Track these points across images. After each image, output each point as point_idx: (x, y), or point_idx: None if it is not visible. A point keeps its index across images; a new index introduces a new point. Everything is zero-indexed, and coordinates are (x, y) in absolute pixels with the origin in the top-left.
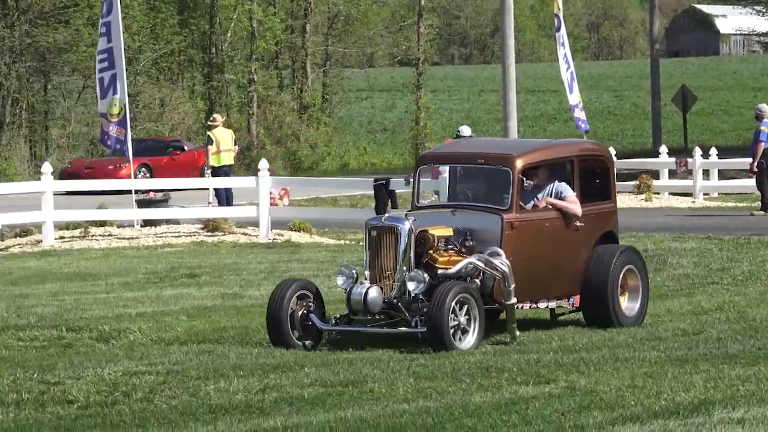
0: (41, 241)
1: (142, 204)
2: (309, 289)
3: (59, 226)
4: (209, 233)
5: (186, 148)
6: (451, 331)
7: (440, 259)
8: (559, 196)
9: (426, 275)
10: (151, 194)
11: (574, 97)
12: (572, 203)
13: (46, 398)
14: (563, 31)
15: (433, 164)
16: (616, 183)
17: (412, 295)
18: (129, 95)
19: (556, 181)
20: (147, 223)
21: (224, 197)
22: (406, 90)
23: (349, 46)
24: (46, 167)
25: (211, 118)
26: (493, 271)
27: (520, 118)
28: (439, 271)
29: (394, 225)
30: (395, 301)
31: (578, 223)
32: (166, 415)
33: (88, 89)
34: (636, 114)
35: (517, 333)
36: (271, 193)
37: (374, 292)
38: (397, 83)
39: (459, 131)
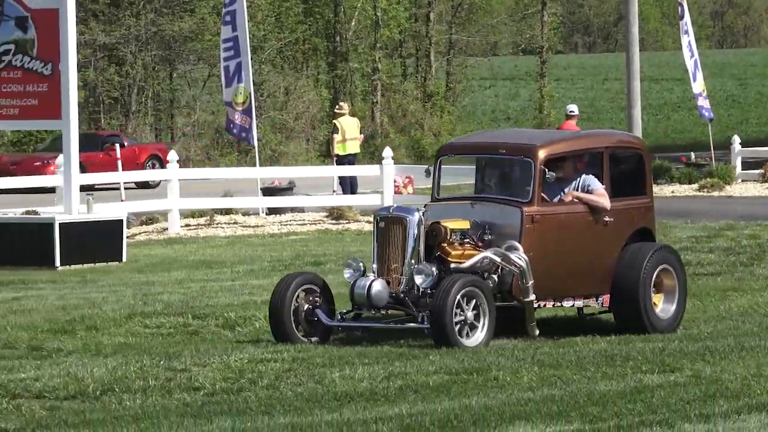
0: (167, 228)
1: (267, 192)
2: (315, 282)
3: (185, 214)
4: (334, 221)
5: (126, 143)
6: (457, 326)
7: (453, 252)
8: (587, 190)
9: (434, 268)
10: (276, 182)
11: (698, 86)
12: (600, 196)
13: (172, 385)
14: (687, 18)
15: (455, 155)
16: (742, 171)
17: (420, 289)
18: (254, 84)
19: (584, 174)
20: (272, 211)
21: (349, 185)
22: (529, 78)
23: (472, 35)
24: (172, 155)
25: (338, 106)
26: (510, 267)
27: (643, 106)
28: (452, 265)
29: (402, 216)
30: (402, 295)
31: (607, 218)
32: (292, 402)
33: (213, 78)
34: (761, 102)
35: (537, 332)
36: (395, 181)
37: (379, 286)
38: (520, 72)
39: (570, 111)
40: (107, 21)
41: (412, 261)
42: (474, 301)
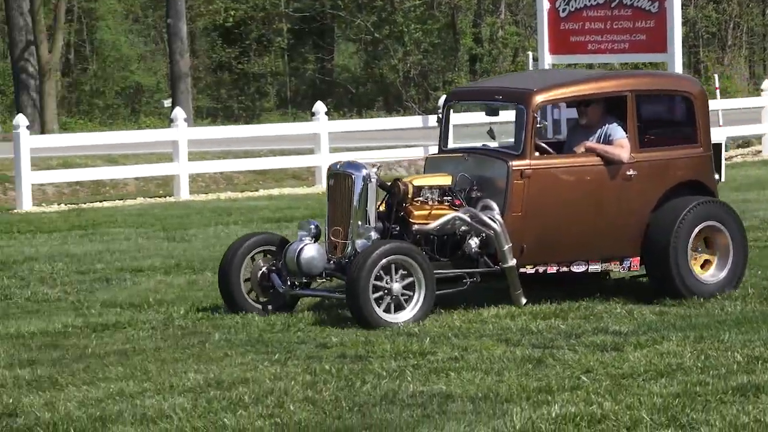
0: (761, 151)
1: None
2: (272, 243)
3: None
4: None
5: None
6: (380, 301)
7: (416, 212)
8: (608, 139)
9: (373, 232)
10: None
11: None
12: (617, 147)
13: None
14: None
15: (460, 101)
16: None
17: None
18: None
19: (608, 124)
20: None
21: None
22: None
23: None
24: (766, 85)
25: None
26: (482, 228)
27: None
28: (414, 227)
29: (348, 173)
30: (346, 261)
31: (631, 172)
32: None
33: None
34: None
35: (523, 300)
36: None
37: (312, 252)
38: None
39: None
40: None
41: (359, 222)
42: (403, 271)
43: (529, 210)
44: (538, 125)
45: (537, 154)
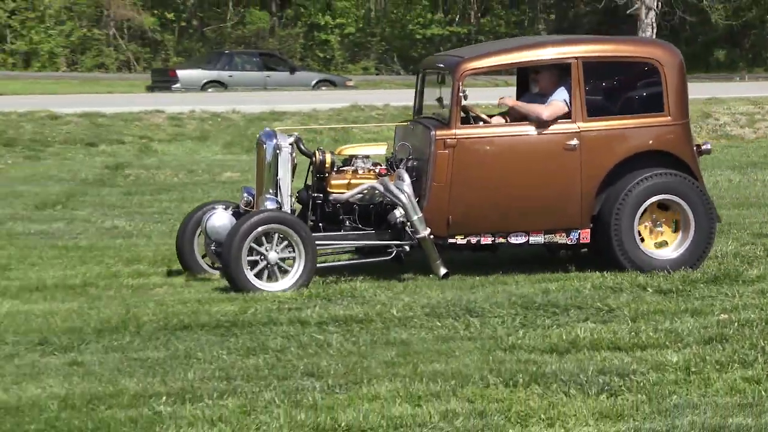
0: None
1: None
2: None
3: None
4: None
5: None
6: (253, 268)
7: (334, 182)
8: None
9: (269, 201)
10: None
11: None
12: (539, 105)
13: None
14: None
15: (425, 69)
16: None
17: None
18: None
19: (560, 90)
20: None
21: None
22: None
23: None
24: None
25: None
26: (393, 198)
27: None
28: (332, 197)
29: (261, 141)
30: None
31: (573, 142)
32: None
33: None
34: None
35: (442, 271)
36: None
37: (222, 219)
38: None
39: None
40: None
41: (270, 191)
42: (278, 239)
43: (455, 180)
44: (461, 94)
45: (481, 124)
